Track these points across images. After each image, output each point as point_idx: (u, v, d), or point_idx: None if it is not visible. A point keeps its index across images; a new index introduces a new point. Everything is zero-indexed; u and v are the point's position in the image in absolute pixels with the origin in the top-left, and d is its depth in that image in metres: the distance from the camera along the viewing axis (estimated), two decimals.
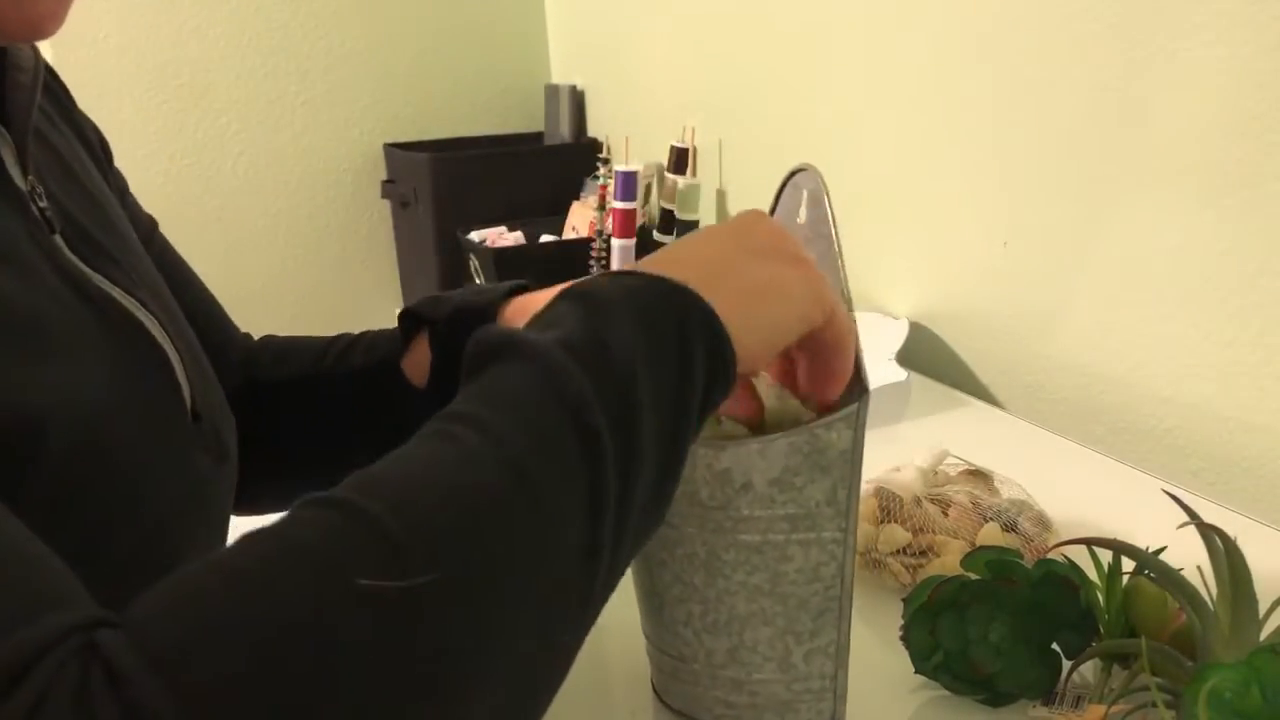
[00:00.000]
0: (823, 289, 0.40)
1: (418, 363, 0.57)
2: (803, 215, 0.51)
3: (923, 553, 0.60)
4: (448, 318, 0.56)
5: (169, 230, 0.67)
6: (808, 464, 0.43)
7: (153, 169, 1.69)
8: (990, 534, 0.59)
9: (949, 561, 0.57)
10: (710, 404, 0.36)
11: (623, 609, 0.53)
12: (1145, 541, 0.48)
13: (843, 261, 0.48)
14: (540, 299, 0.54)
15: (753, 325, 0.37)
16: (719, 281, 0.37)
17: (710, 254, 0.39)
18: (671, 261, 0.38)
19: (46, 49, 1.68)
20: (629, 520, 0.32)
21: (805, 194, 0.51)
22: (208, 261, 1.90)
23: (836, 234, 0.48)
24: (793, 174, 0.51)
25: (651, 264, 0.39)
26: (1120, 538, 0.48)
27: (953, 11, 0.94)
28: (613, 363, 0.32)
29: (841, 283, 0.48)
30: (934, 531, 0.60)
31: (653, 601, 0.48)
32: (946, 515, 0.61)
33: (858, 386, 0.45)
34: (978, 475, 0.66)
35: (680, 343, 0.34)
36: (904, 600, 0.50)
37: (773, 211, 0.53)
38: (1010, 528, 0.60)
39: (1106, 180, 0.82)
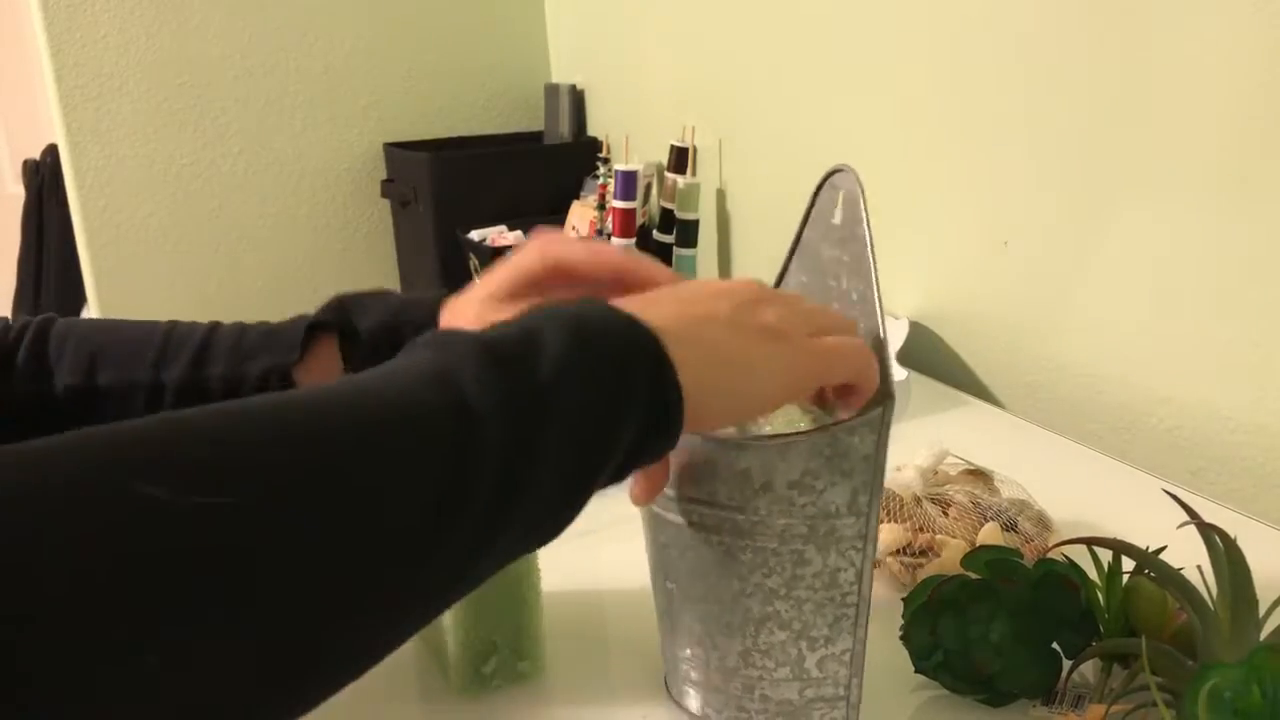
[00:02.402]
0: (808, 369, 0.40)
1: (320, 372, 0.51)
2: (838, 216, 0.51)
3: (923, 553, 0.60)
4: (372, 330, 0.51)
5: (168, 230, 0.67)
6: (829, 467, 0.43)
7: (152, 169, 1.69)
8: (990, 534, 0.59)
9: (949, 561, 0.57)
10: (647, 446, 0.36)
11: (638, 607, 0.54)
12: (1145, 541, 0.48)
13: (875, 264, 0.48)
14: (465, 302, 0.51)
15: (716, 390, 0.38)
16: (693, 341, 0.37)
17: (697, 312, 0.39)
18: (652, 302, 0.39)
19: (46, 48, 1.67)
20: (509, 507, 0.32)
21: (841, 195, 0.51)
22: (207, 261, 1.90)
23: (870, 236, 0.48)
24: (830, 174, 0.51)
25: (636, 301, 0.39)
26: (1120, 538, 0.48)
27: (953, 12, 0.94)
28: (530, 359, 0.33)
29: (873, 284, 0.48)
30: (934, 531, 0.60)
31: (668, 600, 0.48)
32: (946, 515, 0.61)
33: (882, 391, 0.44)
34: (978, 475, 0.66)
35: (621, 370, 0.34)
36: (904, 600, 0.50)
37: (808, 213, 0.53)
38: (1010, 528, 0.60)
39: (1107, 180, 0.82)
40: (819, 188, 0.51)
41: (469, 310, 0.50)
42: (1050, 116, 0.86)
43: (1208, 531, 0.43)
